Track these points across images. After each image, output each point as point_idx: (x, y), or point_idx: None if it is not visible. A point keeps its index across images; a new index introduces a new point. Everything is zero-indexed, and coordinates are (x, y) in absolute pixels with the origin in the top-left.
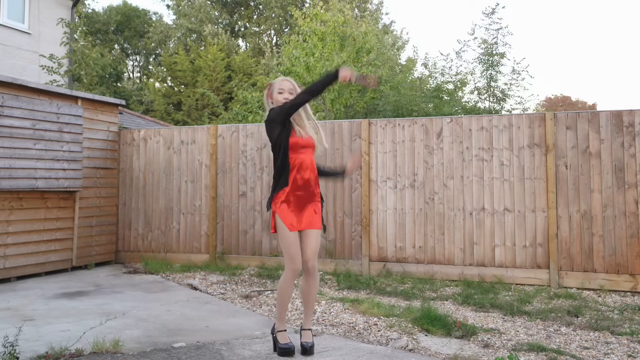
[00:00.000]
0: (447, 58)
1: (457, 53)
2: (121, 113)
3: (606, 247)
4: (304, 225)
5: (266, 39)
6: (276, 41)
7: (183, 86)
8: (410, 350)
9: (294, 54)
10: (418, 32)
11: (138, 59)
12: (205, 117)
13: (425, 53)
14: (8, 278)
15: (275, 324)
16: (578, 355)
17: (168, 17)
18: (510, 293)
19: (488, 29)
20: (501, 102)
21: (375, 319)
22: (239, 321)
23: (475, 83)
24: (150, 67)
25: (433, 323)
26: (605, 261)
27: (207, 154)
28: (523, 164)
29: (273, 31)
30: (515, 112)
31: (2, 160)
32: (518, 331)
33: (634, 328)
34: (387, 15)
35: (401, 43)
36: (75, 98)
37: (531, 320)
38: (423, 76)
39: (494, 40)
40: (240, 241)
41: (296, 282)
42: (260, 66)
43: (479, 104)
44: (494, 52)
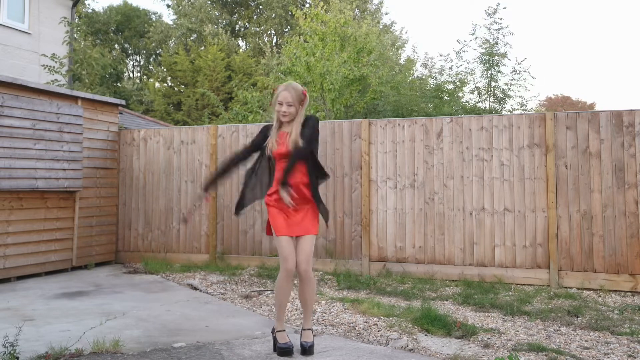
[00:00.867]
0: (447, 58)
1: (457, 53)
2: (121, 113)
3: (606, 247)
4: (297, 231)
5: (266, 39)
6: (276, 41)
7: (183, 86)
8: (410, 350)
9: (295, 54)
10: (418, 32)
11: (138, 59)
12: (205, 117)
13: (425, 53)
14: (8, 278)
15: (275, 324)
16: (578, 355)
17: (168, 17)
18: (510, 293)
19: (489, 29)
20: (502, 102)
21: (375, 319)
22: (239, 321)
23: (475, 83)
24: (150, 67)
25: (433, 323)
26: (605, 261)
27: (207, 154)
28: (523, 164)
29: (273, 31)
30: (515, 112)
31: (2, 160)
32: (518, 331)
33: (634, 328)
34: (387, 15)
35: (401, 43)
36: (75, 98)
37: (531, 320)
38: (423, 76)
39: (495, 40)
40: (240, 241)
41: (296, 282)
42: (260, 66)
43: (479, 104)
44: (495, 52)
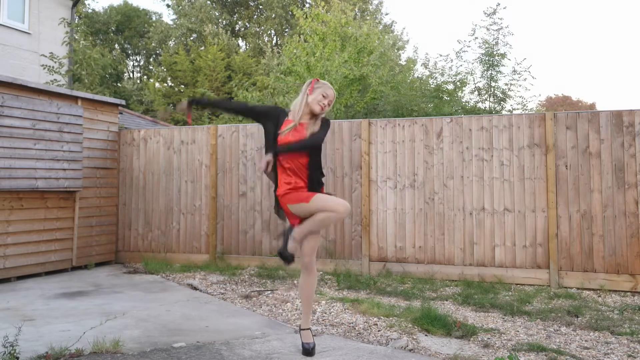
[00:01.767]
0: (447, 58)
1: (457, 53)
2: (121, 113)
3: (606, 247)
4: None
5: (266, 39)
6: (276, 41)
7: (183, 86)
8: (410, 350)
9: (295, 54)
10: (418, 33)
11: (138, 59)
12: (205, 117)
13: (425, 53)
14: (8, 278)
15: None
16: (578, 355)
17: (168, 17)
18: (510, 293)
19: (489, 29)
20: (502, 103)
21: (375, 319)
22: (239, 321)
23: (475, 83)
24: (150, 67)
25: (433, 323)
26: (605, 261)
27: (207, 154)
28: (523, 164)
29: (273, 31)
30: (515, 112)
31: (2, 160)
32: (518, 331)
33: (634, 328)
34: (388, 15)
35: (401, 43)
36: (75, 98)
37: (531, 320)
38: (423, 76)
39: (495, 40)
40: (240, 241)
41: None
42: (260, 66)
43: (480, 104)
44: (495, 53)
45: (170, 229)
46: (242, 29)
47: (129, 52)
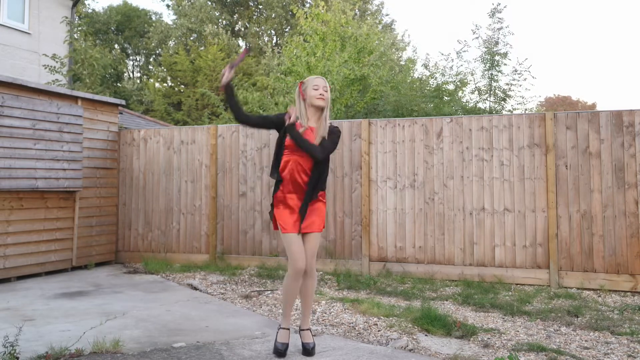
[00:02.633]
0: (448, 58)
1: (458, 53)
2: (121, 113)
3: (606, 247)
4: (304, 228)
5: (266, 39)
6: (276, 41)
7: (183, 86)
8: (410, 350)
9: (295, 54)
10: (418, 33)
11: (138, 59)
12: (205, 117)
13: (426, 54)
14: (8, 278)
15: (281, 321)
16: (578, 355)
17: (168, 17)
18: (510, 293)
19: (489, 29)
20: (502, 102)
21: (375, 319)
22: (239, 321)
23: (476, 83)
24: (150, 67)
25: (433, 323)
26: (605, 261)
27: (207, 154)
28: (523, 164)
29: (273, 31)
30: (516, 112)
31: (2, 160)
32: (518, 331)
33: (634, 328)
34: (388, 15)
35: (403, 45)
36: (75, 98)
37: (531, 320)
38: (423, 76)
39: (496, 40)
40: (240, 241)
41: None
42: (260, 66)
43: (480, 104)
44: (496, 52)
45: (170, 229)
46: (242, 29)
47: (129, 52)
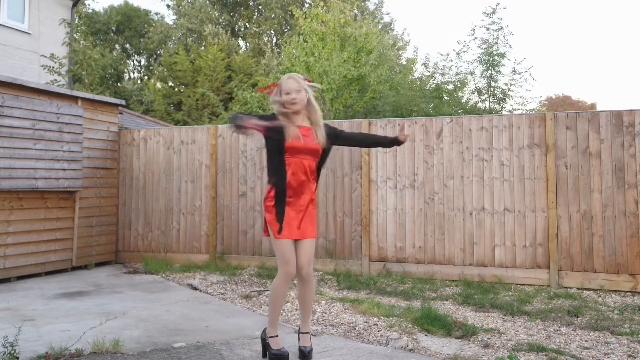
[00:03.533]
0: (447, 58)
1: (458, 53)
2: (121, 113)
3: (606, 247)
4: (297, 234)
5: (266, 39)
6: (276, 41)
7: (183, 86)
8: (410, 350)
9: (294, 54)
10: (418, 33)
11: (138, 59)
12: (205, 117)
13: (425, 54)
14: (8, 278)
15: (266, 329)
16: (578, 355)
17: (168, 17)
18: (510, 293)
19: (489, 29)
20: (501, 103)
21: (375, 319)
22: (239, 321)
23: (475, 83)
24: (150, 67)
25: (433, 323)
26: (605, 261)
27: (207, 154)
28: (523, 164)
29: (273, 31)
30: (515, 112)
31: (2, 160)
32: (518, 331)
33: (634, 328)
34: (388, 15)
35: (402, 44)
36: (75, 98)
37: (531, 320)
38: (423, 76)
39: (495, 40)
40: (240, 241)
41: (293, 284)
42: (260, 66)
43: (479, 104)
44: (495, 52)
45: (170, 229)
46: (242, 29)
47: (130, 52)
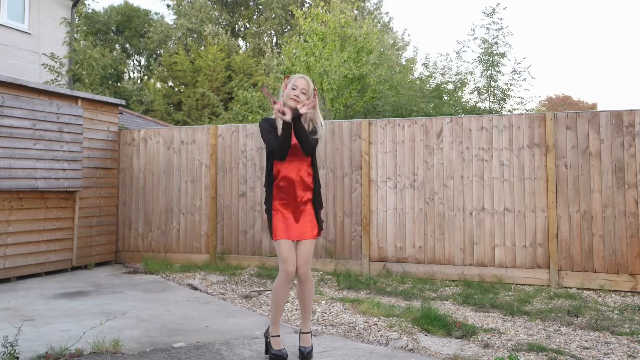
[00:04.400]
0: (447, 58)
1: (457, 53)
2: (121, 113)
3: (606, 247)
4: (297, 235)
5: (266, 39)
6: (276, 41)
7: (183, 86)
8: (410, 350)
9: (294, 54)
10: (418, 32)
11: (138, 59)
12: (205, 117)
13: (425, 54)
14: (8, 278)
15: (269, 327)
16: (578, 355)
17: (168, 17)
18: (510, 293)
19: (488, 29)
20: (501, 102)
21: (375, 319)
22: (239, 321)
23: (475, 83)
24: (150, 67)
25: (433, 323)
26: (605, 261)
27: (207, 154)
28: (523, 164)
29: (273, 31)
30: (515, 112)
31: (2, 160)
32: (518, 331)
33: (634, 328)
34: (387, 14)
35: (402, 44)
36: (75, 98)
37: (531, 320)
38: (423, 76)
39: (494, 40)
40: (240, 241)
41: (294, 283)
42: (260, 66)
43: (479, 104)
44: (494, 52)
45: (170, 229)
46: (242, 29)
47: (130, 52)
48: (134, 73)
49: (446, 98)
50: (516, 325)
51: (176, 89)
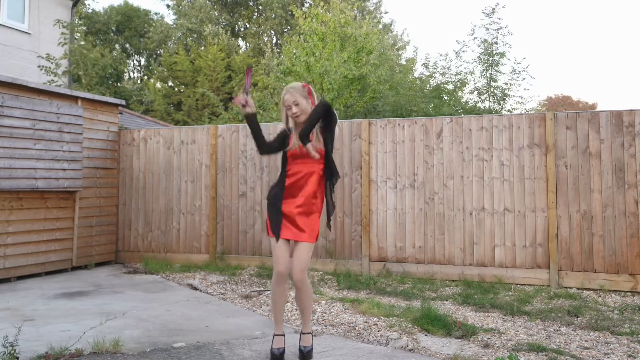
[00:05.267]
0: (447, 58)
1: (457, 53)
2: (121, 113)
3: (606, 247)
4: (294, 235)
5: (266, 39)
6: (276, 41)
7: (183, 86)
8: (410, 350)
9: (295, 54)
10: (418, 32)
11: (138, 59)
12: (205, 117)
13: (425, 54)
14: (8, 278)
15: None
16: (578, 355)
17: (168, 17)
18: (510, 293)
19: (488, 29)
20: (501, 102)
21: (375, 319)
22: (239, 321)
23: (475, 83)
24: (150, 67)
25: (433, 323)
26: (605, 261)
27: (207, 154)
28: (523, 164)
29: (273, 31)
30: (515, 112)
31: (2, 160)
32: (518, 331)
33: (634, 328)
34: (387, 14)
35: (402, 44)
36: (75, 98)
37: (531, 320)
38: (423, 76)
39: (494, 40)
40: (240, 241)
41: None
42: (260, 66)
43: (479, 104)
44: (494, 52)
45: (170, 229)
46: (242, 29)
47: (130, 52)
48: (134, 73)
49: (446, 98)
50: (516, 325)
51: (176, 89)
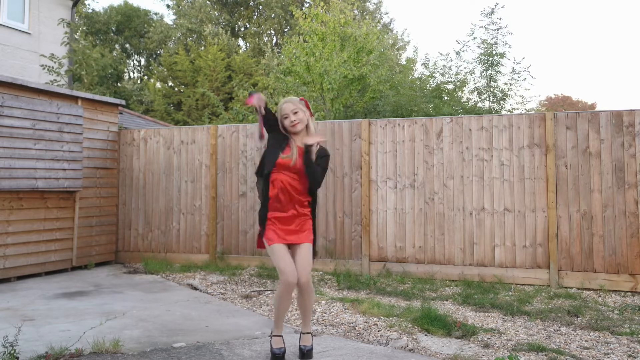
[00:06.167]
0: (447, 58)
1: (457, 53)
2: (121, 113)
3: (606, 247)
4: (292, 239)
5: (266, 39)
6: (276, 41)
7: (183, 86)
8: (410, 350)
9: (294, 54)
10: (418, 32)
11: (138, 59)
12: (205, 117)
13: (425, 54)
14: (8, 278)
15: (273, 328)
16: (578, 355)
17: (168, 17)
18: (510, 293)
19: (488, 29)
20: (501, 102)
21: (375, 319)
22: (239, 321)
23: (475, 83)
24: (150, 67)
25: (433, 323)
26: (605, 261)
27: (207, 154)
28: (523, 164)
29: (273, 31)
30: (515, 112)
31: (2, 160)
32: (518, 331)
33: (634, 328)
34: (387, 14)
35: (402, 44)
36: (75, 98)
37: (531, 320)
38: (423, 76)
39: (494, 40)
40: (240, 241)
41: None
42: (260, 66)
43: (479, 104)
44: (494, 52)
45: (170, 229)
46: (242, 29)
47: (130, 52)
48: (134, 73)
49: (446, 98)
50: (516, 325)
51: (176, 89)
